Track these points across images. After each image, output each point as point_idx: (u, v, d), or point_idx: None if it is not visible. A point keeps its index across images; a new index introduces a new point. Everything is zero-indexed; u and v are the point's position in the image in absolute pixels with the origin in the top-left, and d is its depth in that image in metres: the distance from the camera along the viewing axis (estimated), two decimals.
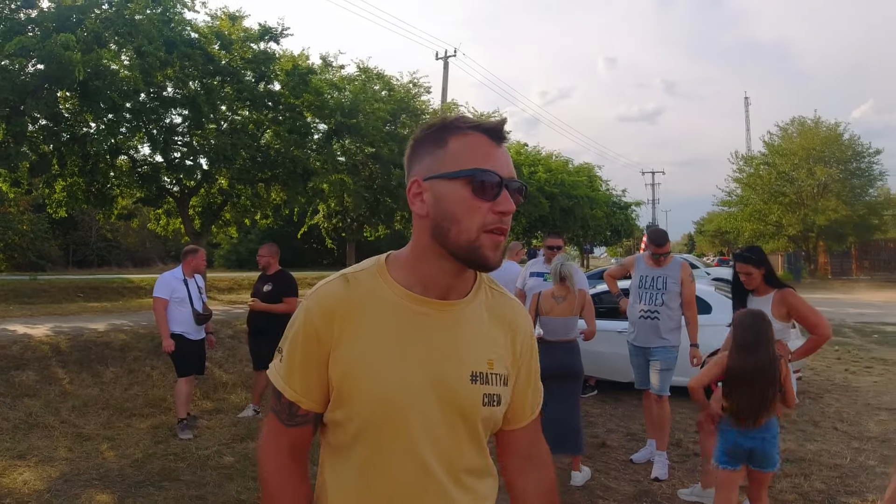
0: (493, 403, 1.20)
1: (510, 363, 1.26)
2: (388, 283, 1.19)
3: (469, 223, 1.12)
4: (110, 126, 11.24)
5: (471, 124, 1.18)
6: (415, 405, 1.15)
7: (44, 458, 4.92)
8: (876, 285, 26.83)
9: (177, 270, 5.91)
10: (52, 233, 29.30)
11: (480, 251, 1.13)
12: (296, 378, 1.19)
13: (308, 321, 1.18)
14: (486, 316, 1.24)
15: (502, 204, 1.13)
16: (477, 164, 1.13)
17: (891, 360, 9.20)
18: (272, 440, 1.23)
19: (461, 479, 1.20)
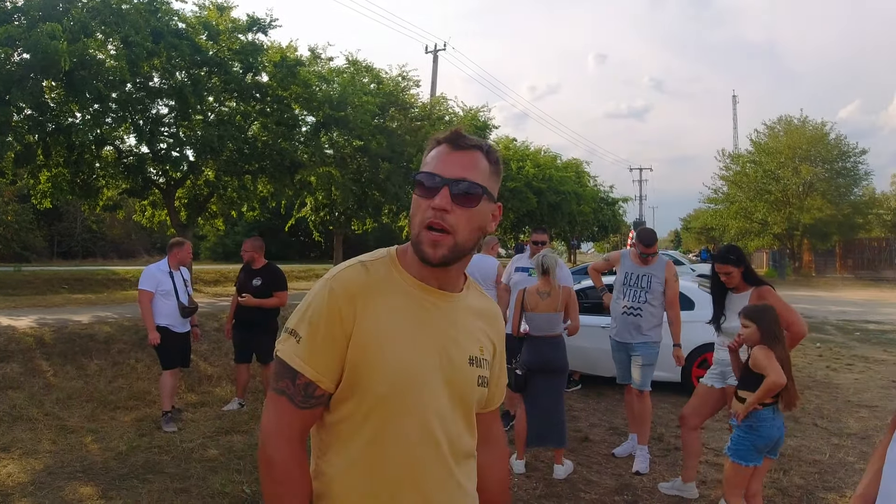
0: (483, 385, 1.36)
1: (491, 352, 1.41)
2: (400, 272, 1.31)
3: (415, 220, 1.26)
4: (96, 116, 11.15)
5: (437, 138, 1.32)
6: (427, 383, 1.26)
7: (27, 451, 4.90)
8: (859, 284, 27.15)
9: (162, 263, 5.89)
10: (36, 223, 29.00)
11: (420, 246, 1.25)
12: (318, 358, 1.24)
13: (332, 302, 1.24)
14: (475, 310, 1.40)
15: (435, 200, 1.23)
16: (425, 169, 1.27)
17: (872, 358, 9.33)
18: (283, 425, 1.24)
19: (457, 456, 1.32)
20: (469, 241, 1.27)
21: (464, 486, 1.33)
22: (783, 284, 25.69)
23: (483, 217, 1.29)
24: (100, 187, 13.47)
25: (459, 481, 1.31)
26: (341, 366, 1.24)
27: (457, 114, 20.73)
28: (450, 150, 1.27)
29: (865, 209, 32.66)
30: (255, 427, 5.68)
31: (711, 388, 4.05)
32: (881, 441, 1.71)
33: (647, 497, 4.24)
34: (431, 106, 20.06)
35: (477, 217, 1.27)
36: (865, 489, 1.60)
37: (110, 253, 33.60)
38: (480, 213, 1.28)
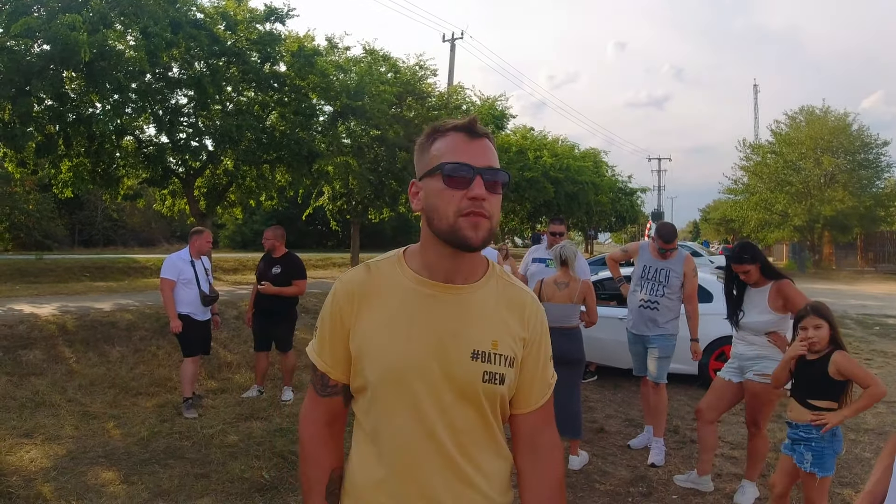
0: (494, 381, 1.30)
1: (518, 347, 1.35)
2: (404, 269, 1.35)
3: (445, 210, 1.26)
4: (116, 107, 11.23)
5: (449, 126, 1.32)
6: (418, 374, 1.28)
7: (50, 437, 5.00)
8: (880, 277, 26.77)
9: (183, 252, 5.97)
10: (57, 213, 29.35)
11: (460, 232, 1.25)
12: (326, 352, 1.37)
13: (334, 302, 1.35)
14: (497, 302, 1.36)
15: (474, 190, 1.24)
16: (448, 158, 1.27)
17: (891, 353, 9.22)
18: (310, 409, 1.42)
19: (469, 452, 1.31)
20: (498, 221, 1.31)
21: (476, 485, 1.30)
22: (803, 277, 25.41)
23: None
24: (120, 177, 13.59)
25: (468, 477, 1.29)
26: (348, 360, 1.35)
27: (474, 103, 20.65)
28: (469, 139, 1.29)
29: (887, 201, 32.10)
30: (273, 414, 5.75)
31: (729, 382, 4.03)
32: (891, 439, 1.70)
33: (662, 489, 4.24)
34: (448, 95, 19.97)
35: (501, 201, 1.32)
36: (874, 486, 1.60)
37: (130, 241, 34.02)
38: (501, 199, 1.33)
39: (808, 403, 3.10)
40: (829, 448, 3.08)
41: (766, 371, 3.80)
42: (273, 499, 3.95)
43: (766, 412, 3.92)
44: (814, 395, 3.09)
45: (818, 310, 3.11)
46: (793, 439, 3.17)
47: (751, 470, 4.07)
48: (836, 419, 3.03)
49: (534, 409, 1.40)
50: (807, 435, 3.08)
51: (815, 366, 3.09)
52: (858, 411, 3.10)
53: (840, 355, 3.04)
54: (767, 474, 4.43)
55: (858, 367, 3.06)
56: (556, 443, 1.45)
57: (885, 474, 1.60)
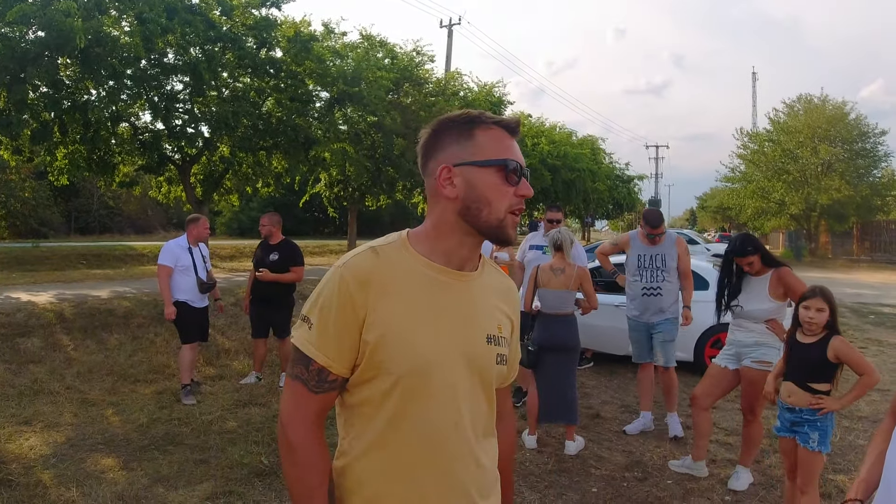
0: (503, 363, 1.38)
1: (508, 329, 1.43)
2: (413, 255, 1.31)
3: (499, 205, 1.28)
4: (111, 93, 11.19)
5: (494, 120, 1.32)
6: (447, 364, 1.27)
7: (49, 424, 5.02)
8: (876, 266, 26.85)
9: (181, 239, 5.97)
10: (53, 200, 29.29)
11: (506, 229, 1.30)
12: (329, 344, 1.26)
13: (343, 289, 1.25)
14: (492, 288, 1.41)
15: (523, 189, 1.30)
16: (503, 154, 1.29)
17: (886, 342, 9.27)
18: (300, 409, 1.28)
19: (478, 434, 1.34)
20: None
21: (484, 465, 1.34)
22: (799, 266, 25.48)
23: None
24: (116, 164, 13.55)
25: (480, 460, 1.33)
26: (355, 351, 1.26)
27: (472, 89, 20.58)
28: (509, 137, 1.32)
29: (884, 191, 32.16)
30: (272, 400, 5.78)
31: (725, 368, 4.06)
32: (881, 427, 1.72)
33: (658, 474, 4.28)
34: (446, 81, 19.90)
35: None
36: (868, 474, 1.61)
37: (127, 229, 33.95)
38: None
39: (808, 387, 3.15)
40: (831, 425, 3.19)
41: (764, 358, 3.83)
42: (272, 483, 3.98)
43: (762, 399, 3.95)
44: (813, 379, 3.15)
45: (825, 293, 3.16)
46: (793, 422, 3.22)
47: (745, 456, 4.11)
48: (835, 406, 3.12)
49: (508, 383, 1.52)
50: (811, 416, 3.15)
51: (812, 350, 3.14)
52: (855, 399, 3.19)
53: (839, 341, 3.09)
54: (762, 460, 4.48)
55: (856, 354, 3.11)
56: (512, 409, 1.60)
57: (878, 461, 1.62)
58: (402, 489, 1.26)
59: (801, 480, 3.23)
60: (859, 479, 1.61)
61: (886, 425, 1.70)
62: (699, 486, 4.09)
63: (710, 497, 3.94)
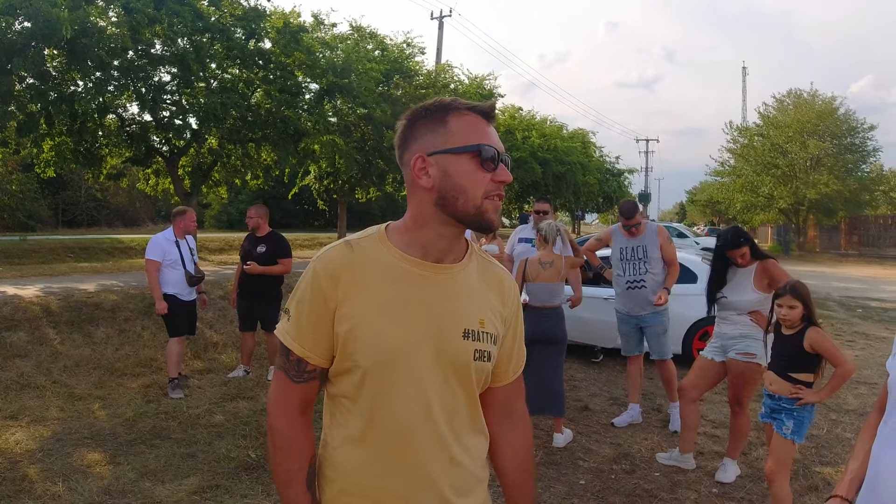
0: (483, 359, 1.33)
1: (500, 324, 1.38)
2: (389, 248, 1.30)
3: (475, 192, 1.26)
4: (98, 84, 11.06)
5: (467, 105, 1.30)
6: (416, 355, 1.26)
7: (36, 418, 4.98)
8: (864, 260, 27.08)
9: (168, 232, 5.92)
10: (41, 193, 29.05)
11: (486, 215, 1.27)
12: (304, 335, 1.28)
13: (315, 282, 1.27)
14: (479, 280, 1.37)
15: (501, 174, 1.28)
16: (477, 140, 1.27)
17: (873, 335, 9.35)
18: (282, 397, 1.32)
19: (457, 431, 1.32)
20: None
21: (462, 463, 1.32)
22: (787, 260, 25.65)
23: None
24: (103, 156, 13.41)
25: (456, 457, 1.31)
26: (330, 343, 1.28)
27: (462, 82, 20.53)
28: (484, 122, 1.30)
29: (872, 186, 32.40)
30: (259, 394, 5.76)
31: (712, 361, 4.08)
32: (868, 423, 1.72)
33: (646, 466, 4.30)
34: (436, 74, 19.84)
35: None
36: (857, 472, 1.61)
37: (115, 221, 33.74)
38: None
39: (788, 376, 3.21)
40: (808, 417, 3.22)
41: (748, 350, 3.86)
42: (260, 477, 3.97)
43: (750, 391, 3.98)
44: (792, 368, 3.21)
45: (796, 290, 3.20)
46: (773, 409, 3.29)
47: (732, 448, 4.14)
48: (813, 398, 3.17)
49: (511, 381, 1.47)
50: (789, 405, 3.20)
51: (791, 340, 3.21)
52: (833, 391, 3.24)
53: (814, 331, 3.16)
54: (749, 453, 4.51)
55: (830, 345, 3.16)
56: (525, 410, 1.54)
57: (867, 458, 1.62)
58: (372, 481, 1.28)
59: (769, 466, 3.30)
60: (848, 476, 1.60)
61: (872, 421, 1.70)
62: (686, 478, 4.12)
63: (697, 489, 3.96)
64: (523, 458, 1.50)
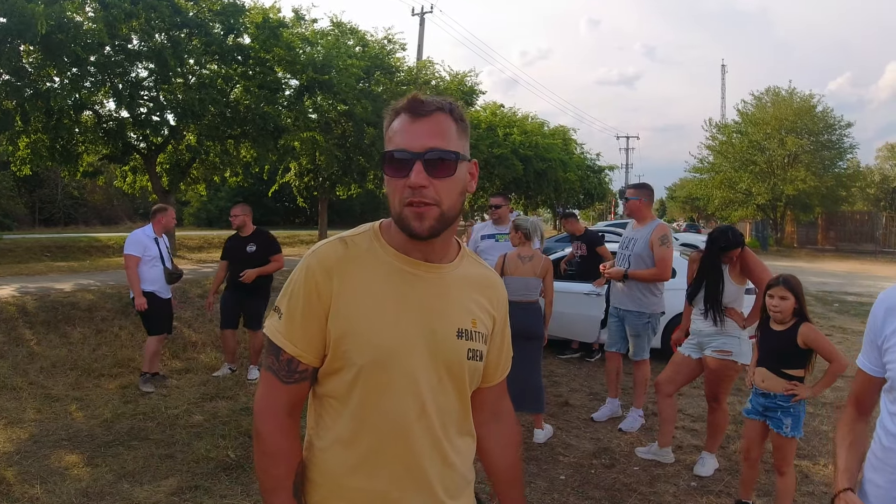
0: (476, 358, 1.33)
1: (490, 324, 1.39)
2: (383, 245, 1.29)
3: (392, 199, 1.22)
4: (74, 80, 10.92)
5: (398, 107, 1.25)
6: (410, 354, 1.24)
7: (12, 420, 4.90)
8: (840, 255, 27.52)
9: (147, 228, 5.86)
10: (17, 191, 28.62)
11: (405, 222, 1.21)
12: (297, 333, 1.25)
13: (309, 278, 1.25)
14: (471, 281, 1.37)
15: (410, 178, 1.18)
16: (391, 146, 1.22)
17: (850, 329, 9.50)
18: (270, 399, 1.28)
19: (448, 431, 1.31)
20: (454, 207, 1.24)
21: (454, 464, 1.32)
22: (765, 255, 25.97)
23: (462, 181, 1.26)
24: (79, 153, 13.24)
25: (449, 458, 1.30)
26: (323, 341, 1.25)
27: (443, 78, 20.51)
28: (412, 120, 1.21)
29: (849, 182, 32.94)
30: (239, 393, 5.72)
31: (688, 357, 4.12)
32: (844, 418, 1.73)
33: (625, 461, 4.34)
34: (417, 70, 19.81)
35: (457, 183, 1.24)
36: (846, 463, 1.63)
37: (92, 219, 33.32)
38: (459, 179, 1.24)
39: (781, 372, 3.23)
40: (803, 410, 3.28)
41: (724, 348, 3.90)
42: (239, 477, 3.94)
43: (726, 387, 4.02)
44: (786, 365, 3.23)
45: (788, 282, 3.21)
46: (767, 407, 3.30)
47: (710, 442, 4.18)
48: (807, 393, 3.20)
49: (498, 381, 1.48)
50: (784, 403, 3.23)
51: (783, 336, 3.21)
52: (826, 386, 3.26)
53: (807, 327, 3.17)
54: (727, 446, 4.57)
55: (824, 341, 3.19)
56: (511, 409, 1.55)
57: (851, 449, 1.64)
58: (364, 482, 1.25)
59: (778, 463, 3.35)
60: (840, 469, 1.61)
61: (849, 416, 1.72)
62: (665, 472, 4.16)
63: (676, 483, 4.00)
64: (512, 455, 1.52)
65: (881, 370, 1.60)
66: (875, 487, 1.56)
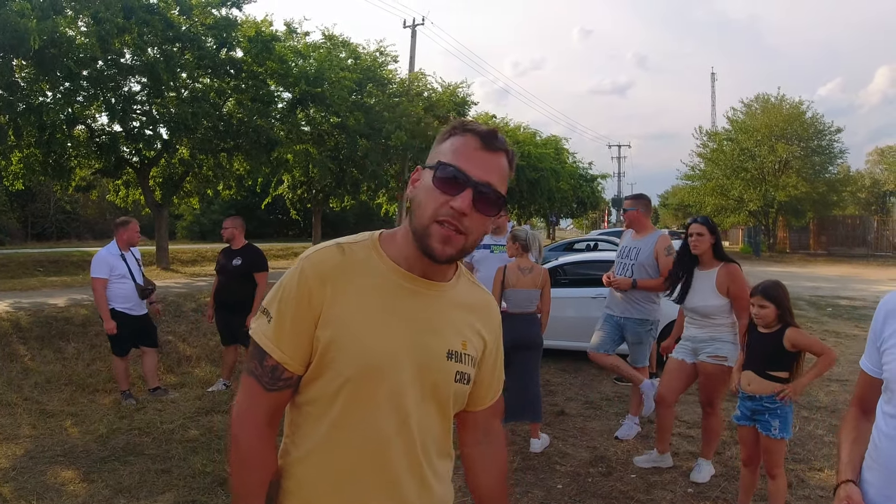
0: (463, 381, 1.30)
1: (480, 348, 1.35)
2: (381, 256, 1.26)
3: (425, 209, 1.19)
4: (67, 95, 10.95)
5: (468, 127, 1.23)
6: (397, 370, 1.21)
7: (7, 436, 4.88)
8: (833, 260, 27.64)
9: (111, 246, 5.76)
10: (9, 206, 28.51)
11: (428, 239, 1.19)
12: (286, 339, 1.22)
13: (302, 282, 1.21)
14: (464, 302, 1.33)
15: (458, 200, 1.16)
16: (449, 158, 1.20)
17: (843, 333, 9.54)
18: (251, 406, 1.25)
19: (429, 452, 1.28)
20: (476, 243, 1.23)
21: (431, 486, 1.29)
22: (758, 261, 26.11)
23: (491, 223, 1.26)
24: (72, 167, 13.26)
25: (427, 480, 1.28)
26: (310, 348, 1.22)
27: (436, 90, 20.60)
28: (481, 148, 1.20)
29: (840, 187, 33.14)
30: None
31: (682, 362, 4.12)
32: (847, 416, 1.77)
33: (622, 469, 4.35)
34: (410, 82, 19.90)
35: (489, 224, 1.24)
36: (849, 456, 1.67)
37: (85, 234, 33.21)
38: (492, 220, 1.24)
39: (767, 374, 3.26)
40: (791, 412, 3.29)
41: (718, 353, 3.92)
42: None
43: (721, 392, 4.04)
44: (771, 367, 3.26)
45: (766, 291, 3.26)
46: (754, 410, 3.32)
47: (706, 448, 4.19)
48: (798, 389, 3.23)
49: (490, 404, 1.45)
50: (771, 405, 3.25)
51: (768, 339, 3.26)
52: (815, 377, 3.31)
53: (792, 331, 3.22)
54: (723, 452, 4.58)
55: (811, 339, 3.26)
56: (501, 429, 1.52)
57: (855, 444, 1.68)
58: (339, 496, 1.23)
59: (768, 466, 3.35)
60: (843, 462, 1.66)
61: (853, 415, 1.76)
62: (662, 479, 4.17)
63: (672, 490, 4.01)
64: (499, 474, 1.49)
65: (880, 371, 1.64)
66: (870, 486, 1.59)
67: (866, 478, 1.62)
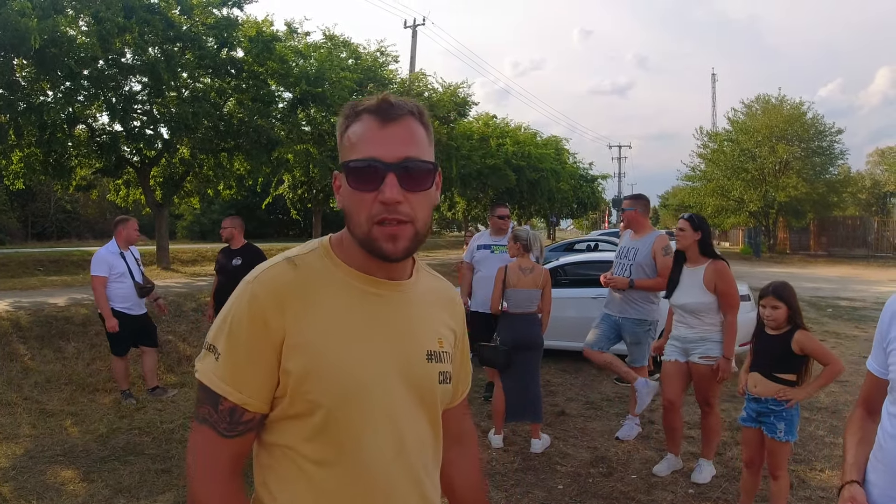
0: (446, 381, 1.20)
1: (453, 342, 1.27)
2: (338, 264, 1.13)
3: (358, 217, 1.07)
4: (68, 94, 10.94)
5: (362, 107, 1.09)
6: (384, 387, 1.09)
7: (7, 436, 4.88)
8: (833, 261, 27.67)
9: (111, 245, 5.77)
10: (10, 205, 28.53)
11: (376, 244, 1.06)
12: (242, 376, 1.05)
13: (255, 307, 1.05)
14: (430, 297, 1.23)
15: (384, 192, 1.03)
16: (357, 153, 1.06)
17: (843, 334, 9.54)
18: (209, 457, 1.07)
19: (427, 465, 1.18)
20: (428, 224, 1.10)
21: (430, 499, 1.18)
22: (758, 262, 26.11)
23: (435, 194, 1.12)
24: (72, 167, 13.24)
25: (427, 494, 1.17)
26: (273, 382, 1.06)
27: (436, 90, 20.59)
28: (381, 124, 1.06)
29: (840, 188, 33.10)
30: None
31: (676, 363, 4.11)
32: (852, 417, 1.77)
33: (622, 469, 4.34)
34: (410, 82, 19.88)
35: (431, 197, 1.11)
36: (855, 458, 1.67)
37: (85, 233, 33.24)
38: (432, 192, 1.10)
39: (774, 377, 3.24)
40: (797, 414, 3.28)
41: (709, 353, 3.93)
42: None
43: (716, 391, 4.04)
44: (778, 369, 3.24)
45: (778, 291, 3.23)
46: (760, 412, 3.31)
47: (706, 448, 4.19)
48: (801, 395, 3.22)
49: (460, 400, 1.37)
50: (777, 407, 3.23)
51: (776, 341, 3.23)
52: (820, 388, 3.31)
53: (802, 334, 3.19)
54: (724, 453, 4.58)
55: (819, 346, 3.23)
56: (473, 428, 1.45)
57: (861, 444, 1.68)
58: None
59: (772, 467, 3.35)
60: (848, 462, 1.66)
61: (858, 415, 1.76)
62: (663, 479, 4.16)
63: (673, 490, 4.00)
64: (475, 476, 1.41)
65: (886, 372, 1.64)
66: (874, 487, 1.59)
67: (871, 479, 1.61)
